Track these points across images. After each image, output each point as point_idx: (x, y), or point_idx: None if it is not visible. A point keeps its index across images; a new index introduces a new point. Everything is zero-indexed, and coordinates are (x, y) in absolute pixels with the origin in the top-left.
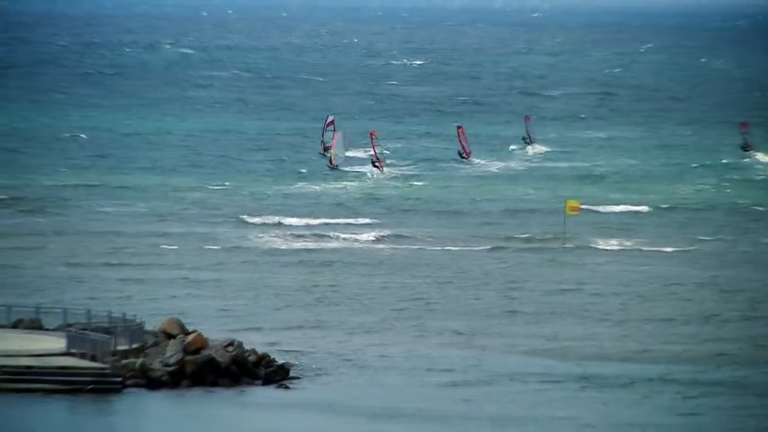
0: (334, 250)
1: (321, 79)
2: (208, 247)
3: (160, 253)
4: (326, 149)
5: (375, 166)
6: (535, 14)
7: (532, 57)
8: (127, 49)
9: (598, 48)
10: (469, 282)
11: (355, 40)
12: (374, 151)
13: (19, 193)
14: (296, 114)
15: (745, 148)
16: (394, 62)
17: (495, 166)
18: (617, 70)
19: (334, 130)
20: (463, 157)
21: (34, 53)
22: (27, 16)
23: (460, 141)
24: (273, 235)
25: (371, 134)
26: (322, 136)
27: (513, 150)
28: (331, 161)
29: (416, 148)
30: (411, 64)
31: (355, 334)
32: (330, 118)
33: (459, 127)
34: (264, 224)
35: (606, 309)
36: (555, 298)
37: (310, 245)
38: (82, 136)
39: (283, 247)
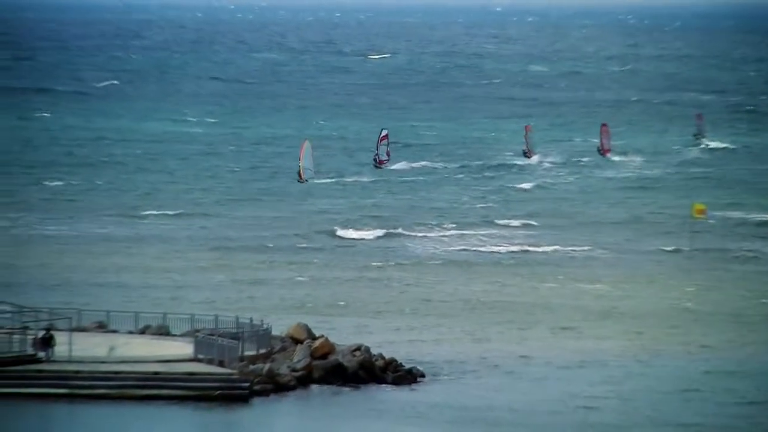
0: (467, 257)
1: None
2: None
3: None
4: (381, 163)
5: (525, 155)
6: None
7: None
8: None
9: None
10: (620, 288)
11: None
12: (526, 142)
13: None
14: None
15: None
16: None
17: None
18: None
19: (388, 144)
20: (601, 154)
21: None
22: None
23: (601, 138)
24: (421, 242)
25: (526, 128)
26: (377, 149)
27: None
28: (300, 175)
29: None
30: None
31: (494, 340)
32: (384, 132)
33: (603, 125)
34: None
35: None
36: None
37: (451, 252)
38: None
39: (432, 252)
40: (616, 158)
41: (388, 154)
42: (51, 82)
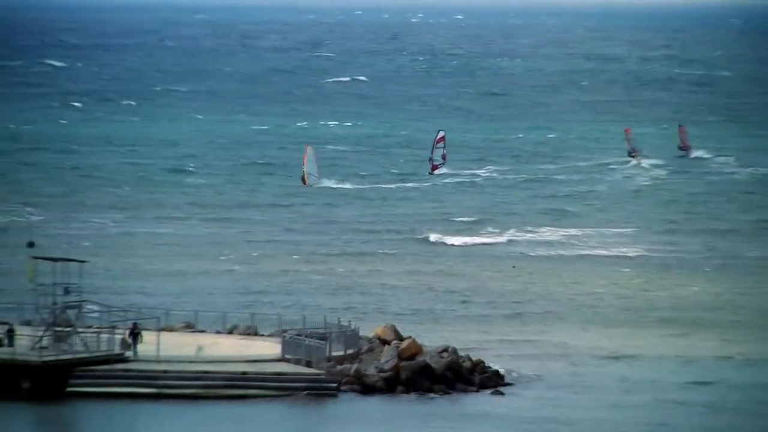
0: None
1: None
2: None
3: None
4: (434, 168)
5: (631, 156)
6: None
7: None
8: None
9: None
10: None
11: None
12: (629, 145)
13: None
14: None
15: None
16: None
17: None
18: None
19: (445, 146)
20: (681, 150)
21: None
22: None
23: (680, 137)
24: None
25: (626, 131)
26: (431, 153)
27: None
28: (303, 180)
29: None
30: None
31: (593, 343)
32: (440, 134)
33: (680, 126)
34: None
35: None
36: None
37: (554, 256)
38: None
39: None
40: (721, 160)
41: (443, 158)
42: (181, 83)
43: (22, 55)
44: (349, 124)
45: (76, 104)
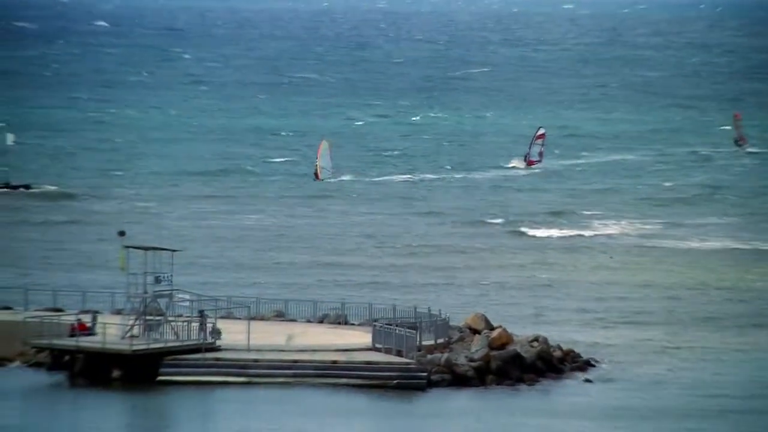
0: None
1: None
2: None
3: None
4: (530, 163)
5: (738, 144)
6: None
7: None
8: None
9: None
10: None
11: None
12: (736, 132)
13: None
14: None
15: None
16: None
17: None
18: None
19: (543, 144)
20: (738, 146)
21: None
22: None
23: (735, 128)
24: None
25: (736, 116)
26: (529, 148)
27: None
28: (316, 174)
29: None
30: None
31: (686, 337)
32: (540, 131)
33: (735, 114)
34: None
35: None
36: None
37: (651, 248)
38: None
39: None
40: None
41: (540, 155)
42: (304, 73)
43: (149, 46)
44: (469, 115)
45: (199, 97)
